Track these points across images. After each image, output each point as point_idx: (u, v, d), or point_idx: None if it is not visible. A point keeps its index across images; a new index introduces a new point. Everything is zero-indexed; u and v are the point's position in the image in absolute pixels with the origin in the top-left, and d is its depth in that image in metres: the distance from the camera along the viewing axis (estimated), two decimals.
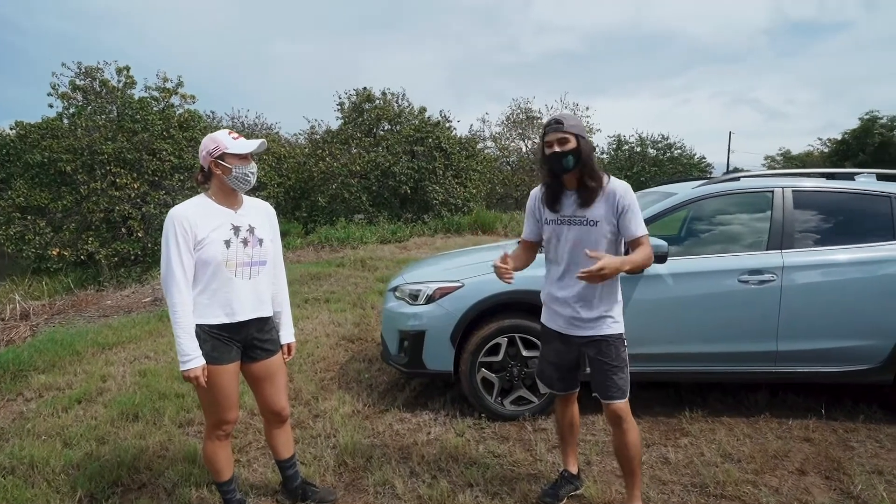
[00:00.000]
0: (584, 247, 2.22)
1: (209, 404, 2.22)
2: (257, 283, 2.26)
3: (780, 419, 3.30)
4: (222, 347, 2.18)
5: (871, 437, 3.09)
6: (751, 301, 3.18)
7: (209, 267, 2.13)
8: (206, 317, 2.15)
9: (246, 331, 2.24)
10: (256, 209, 2.36)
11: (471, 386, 3.39)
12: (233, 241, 2.18)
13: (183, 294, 2.09)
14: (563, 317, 2.32)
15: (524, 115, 21.67)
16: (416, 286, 3.61)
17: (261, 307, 2.28)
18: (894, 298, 3.15)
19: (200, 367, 2.09)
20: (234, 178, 2.18)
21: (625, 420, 2.24)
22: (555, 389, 2.49)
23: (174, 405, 3.57)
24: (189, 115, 14.66)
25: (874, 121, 25.06)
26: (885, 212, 3.30)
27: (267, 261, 2.30)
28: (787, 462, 2.83)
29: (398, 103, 16.83)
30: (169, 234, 2.09)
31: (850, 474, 2.69)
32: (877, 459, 2.84)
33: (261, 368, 2.31)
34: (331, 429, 3.27)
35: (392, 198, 15.92)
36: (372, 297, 6.71)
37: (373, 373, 4.23)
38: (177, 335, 2.08)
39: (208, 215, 2.17)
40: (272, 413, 2.38)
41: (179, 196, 12.93)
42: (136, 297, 7.99)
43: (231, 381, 2.21)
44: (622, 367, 2.25)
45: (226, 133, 2.21)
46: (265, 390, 2.34)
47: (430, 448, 3.05)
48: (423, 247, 12.04)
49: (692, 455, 2.91)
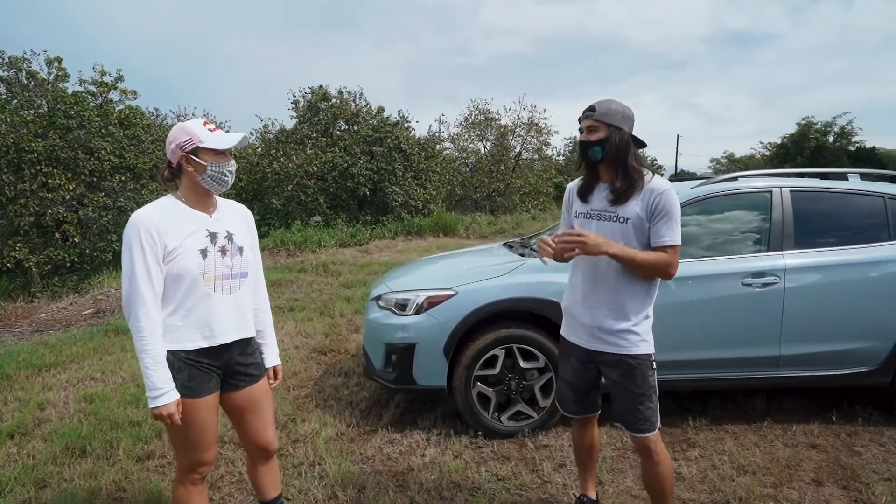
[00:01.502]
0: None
1: (184, 444, 1.86)
2: (239, 299, 1.93)
3: (782, 425, 3.22)
4: (200, 377, 1.83)
5: (874, 440, 3.05)
6: (754, 304, 3.09)
7: (183, 282, 1.79)
8: (180, 341, 1.80)
9: (227, 355, 1.90)
10: (233, 212, 2.02)
11: (466, 402, 3.13)
12: (209, 250, 1.84)
13: (151, 316, 1.74)
14: (585, 327, 2.09)
15: (482, 116, 21.62)
16: (403, 295, 3.33)
17: (244, 326, 1.95)
18: (890, 299, 3.13)
19: (174, 403, 1.74)
20: (210, 176, 1.85)
21: (655, 452, 2.02)
22: (569, 412, 2.26)
23: (129, 435, 3.13)
24: (130, 112, 13.75)
25: (810, 126, 26.61)
26: (879, 212, 3.28)
27: (248, 272, 1.97)
28: (801, 472, 2.73)
29: (355, 102, 16.37)
30: (132, 244, 1.73)
31: (866, 483, 2.62)
32: (887, 465, 2.79)
33: (244, 397, 1.97)
34: (314, 455, 2.94)
35: (350, 199, 15.44)
36: (339, 304, 6.35)
37: (352, 388, 3.91)
38: (144, 365, 1.72)
39: (179, 220, 1.82)
40: (258, 448, 2.04)
41: (121, 198, 12.05)
42: (75, 310, 7.27)
43: (210, 415, 1.87)
44: (650, 395, 2.00)
45: (200, 123, 1.86)
46: (249, 423, 2.00)
47: (428, 473, 2.78)
48: (385, 250, 11.70)
49: (705, 468, 2.77)
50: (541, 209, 18.68)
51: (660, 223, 1.95)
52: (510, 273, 3.22)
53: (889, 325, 3.13)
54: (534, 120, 21.62)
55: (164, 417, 1.73)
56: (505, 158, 21.39)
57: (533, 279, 3.17)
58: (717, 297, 3.10)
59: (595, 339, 2.07)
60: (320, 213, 14.98)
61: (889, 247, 3.20)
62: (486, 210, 18.92)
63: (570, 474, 2.75)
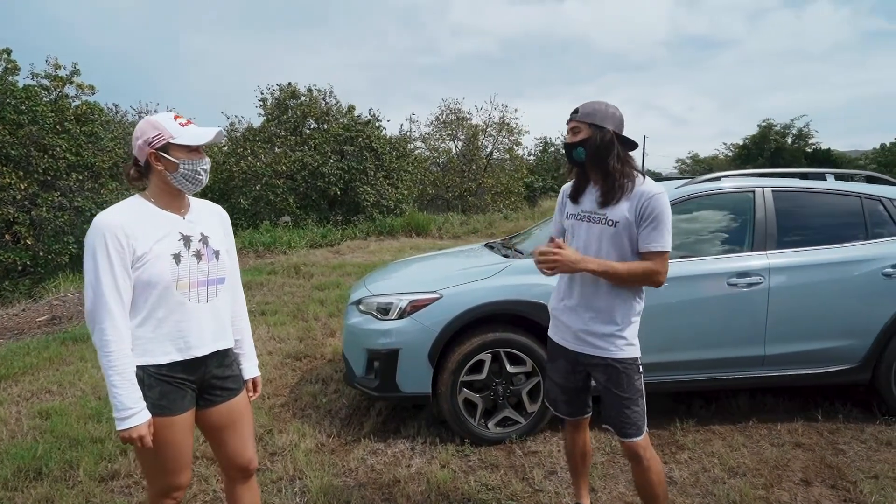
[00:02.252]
0: (599, 248, 1.95)
1: (156, 468, 1.70)
2: (216, 307, 1.77)
3: (767, 424, 3.23)
4: (173, 393, 1.67)
5: (855, 437, 3.08)
6: (740, 304, 3.08)
7: (153, 290, 1.62)
8: (151, 354, 1.64)
9: (204, 368, 1.75)
10: (207, 213, 1.87)
11: (452, 408, 3.03)
12: (183, 254, 1.69)
13: (119, 328, 1.57)
14: (571, 330, 2.03)
15: (454, 115, 21.54)
16: (385, 299, 3.20)
17: (222, 336, 1.80)
18: (869, 298, 3.17)
19: (146, 424, 1.58)
20: (182, 175, 1.69)
21: (644, 457, 1.96)
22: (560, 413, 2.20)
23: (91, 454, 2.90)
24: (87, 108, 13.08)
25: (770, 128, 27.55)
26: (857, 211, 3.33)
27: (226, 278, 1.82)
28: (789, 472, 2.73)
29: (325, 101, 16.06)
30: (97, 249, 1.56)
31: (852, 481, 2.63)
32: (870, 463, 2.81)
33: (221, 414, 1.82)
34: (294, 469, 2.78)
35: (321, 199, 15.16)
36: (313, 308, 6.16)
37: (330, 396, 3.76)
38: (111, 383, 1.55)
39: (149, 223, 1.66)
40: (237, 469, 1.89)
41: (79, 198, 11.50)
42: (27, 316, 6.85)
43: (185, 435, 1.71)
44: (636, 400, 1.95)
45: (170, 117, 1.70)
46: (228, 441, 1.85)
47: (416, 485, 2.66)
48: (357, 251, 11.49)
49: (696, 471, 2.73)
50: (512, 209, 18.70)
51: (648, 228, 1.89)
52: (496, 275, 3.13)
53: (868, 322, 3.17)
54: (505, 120, 21.69)
55: (133, 440, 1.57)
56: (476, 158, 21.37)
57: (519, 281, 3.09)
58: (704, 298, 3.08)
59: (581, 342, 2.01)
60: (289, 213, 14.65)
61: (866, 246, 3.24)
62: (459, 210, 18.86)
63: (561, 481, 2.67)
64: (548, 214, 15.06)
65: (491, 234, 13.50)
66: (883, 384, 3.21)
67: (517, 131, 21.63)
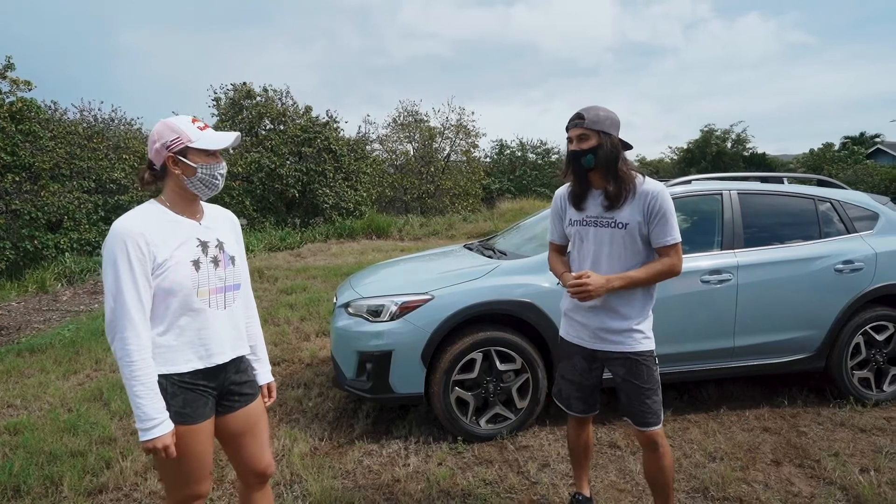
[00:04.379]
0: (612, 251, 2.06)
1: (177, 477, 1.68)
2: (234, 313, 1.77)
3: (737, 411, 3.46)
4: (196, 401, 1.66)
5: (814, 420, 3.35)
6: (712, 300, 3.29)
7: (175, 297, 1.61)
8: (174, 363, 1.62)
9: (223, 375, 1.74)
10: (221, 219, 1.86)
11: (444, 407, 3.09)
12: (202, 261, 1.68)
13: (141, 337, 1.55)
14: (589, 329, 2.13)
15: (412, 117, 21.55)
16: (376, 301, 3.22)
17: (240, 343, 1.80)
18: (823, 292, 3.45)
19: (170, 434, 1.56)
20: (199, 179, 1.68)
21: (661, 445, 2.09)
22: (573, 411, 2.28)
23: (73, 468, 2.78)
24: (24, 105, 12.30)
25: (711, 132, 29.10)
26: (811, 212, 3.61)
27: (241, 284, 1.82)
28: (761, 454, 2.94)
29: (282, 101, 15.76)
30: (118, 257, 1.53)
31: (816, 459, 2.86)
32: (829, 442, 3.06)
33: (240, 420, 1.81)
34: (291, 474, 2.77)
35: (278, 202, 14.85)
36: (283, 311, 6.07)
37: (315, 400, 3.73)
38: (135, 394, 1.53)
39: (168, 229, 1.64)
40: (255, 474, 1.88)
41: (16, 200, 10.81)
42: None
43: (206, 443, 1.70)
44: (656, 390, 2.08)
45: (188, 121, 1.69)
46: (247, 446, 1.84)
47: (415, 483, 2.71)
48: (319, 253, 11.35)
49: (679, 458, 2.91)
50: (471, 210, 18.91)
51: (659, 225, 2.01)
52: (486, 276, 3.22)
53: (822, 314, 3.45)
54: (462, 122, 21.89)
55: (158, 451, 1.55)
56: (434, 160, 21.47)
57: (509, 281, 3.18)
58: (680, 295, 3.26)
59: (599, 340, 2.11)
60: (246, 216, 14.28)
61: (820, 244, 3.53)
62: (418, 212, 18.89)
63: (555, 473, 2.78)
64: (507, 216, 15.31)
65: (451, 236, 13.60)
66: (835, 370, 3.50)
67: (474, 134, 21.87)
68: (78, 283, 8.55)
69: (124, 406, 3.57)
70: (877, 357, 3.53)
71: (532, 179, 25.92)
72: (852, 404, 3.46)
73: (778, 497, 2.54)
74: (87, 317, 6.26)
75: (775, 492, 2.59)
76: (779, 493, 2.58)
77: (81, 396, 3.79)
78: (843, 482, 2.63)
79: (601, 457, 2.95)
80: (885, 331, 3.51)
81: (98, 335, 5.25)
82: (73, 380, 4.19)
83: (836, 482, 2.64)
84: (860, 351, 3.51)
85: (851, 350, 3.48)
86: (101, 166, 12.65)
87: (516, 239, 4.11)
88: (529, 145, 27.76)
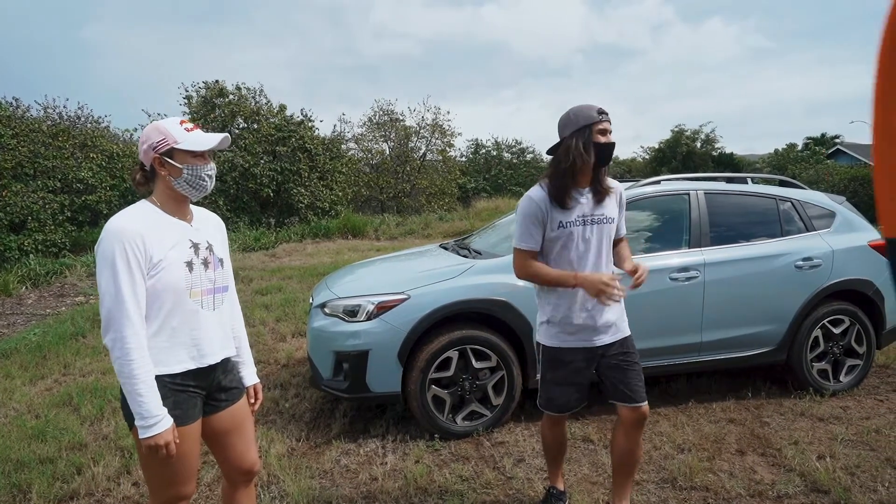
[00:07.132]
0: (605, 246, 2.18)
1: (163, 478, 1.68)
2: (222, 315, 1.80)
3: (704, 404, 3.58)
4: (186, 403, 1.67)
5: (776, 410, 3.49)
6: (681, 297, 3.40)
7: (167, 298, 1.62)
8: (167, 364, 1.64)
9: (213, 375, 1.76)
10: (210, 222, 1.88)
11: (421, 406, 3.12)
12: (194, 262, 1.70)
13: (139, 336, 1.56)
14: (590, 329, 2.18)
15: (387, 116, 21.47)
16: (352, 301, 3.24)
17: (228, 344, 1.83)
18: (784, 288, 3.60)
19: (171, 430, 1.59)
20: (185, 180, 1.69)
21: (646, 419, 2.23)
22: (572, 409, 2.32)
23: (42, 475, 2.73)
24: None
25: (682, 133, 29.74)
26: (773, 211, 3.76)
27: (229, 286, 1.85)
28: (726, 445, 3.06)
29: (255, 99, 15.51)
30: (115, 256, 1.54)
31: (777, 448, 2.99)
32: (789, 431, 3.20)
33: (226, 419, 1.82)
34: (268, 475, 2.77)
35: (252, 201, 14.65)
36: (258, 313, 6.02)
37: (291, 400, 3.73)
38: (135, 392, 1.54)
39: (161, 229, 1.65)
40: (241, 472, 1.89)
41: None
42: None
43: (195, 444, 1.71)
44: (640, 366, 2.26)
45: (176, 122, 1.70)
46: (233, 445, 1.85)
47: (393, 481, 2.74)
48: (294, 254, 11.25)
49: (649, 450, 3.00)
50: (447, 209, 18.96)
51: (622, 217, 2.26)
52: (462, 275, 3.26)
53: (784, 309, 3.60)
54: (438, 122, 21.91)
55: (160, 447, 1.56)
56: (410, 159, 21.45)
57: (484, 280, 3.24)
58: (649, 292, 3.34)
59: (603, 335, 2.21)
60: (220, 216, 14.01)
61: (781, 242, 3.68)
62: (394, 211, 18.86)
63: (530, 468, 2.85)
64: (482, 215, 15.40)
65: (428, 235, 13.64)
66: (796, 363, 3.65)
67: (450, 133, 21.92)
68: (43, 286, 8.31)
69: (95, 411, 3.51)
70: (834, 349, 3.70)
71: (507, 179, 26.09)
72: (812, 395, 3.62)
73: (742, 485, 2.65)
74: (53, 320, 6.10)
75: (739, 480, 2.70)
76: (743, 481, 2.69)
77: (50, 402, 3.71)
78: (802, 469, 2.76)
79: (574, 451, 3.03)
80: (841, 324, 3.68)
81: (66, 339, 5.13)
82: (40, 385, 4.10)
83: (796, 469, 2.77)
84: (819, 344, 3.67)
85: (811, 343, 3.64)
86: (67, 165, 12.29)
87: (491, 238, 4.16)
88: (505, 145, 27.96)
